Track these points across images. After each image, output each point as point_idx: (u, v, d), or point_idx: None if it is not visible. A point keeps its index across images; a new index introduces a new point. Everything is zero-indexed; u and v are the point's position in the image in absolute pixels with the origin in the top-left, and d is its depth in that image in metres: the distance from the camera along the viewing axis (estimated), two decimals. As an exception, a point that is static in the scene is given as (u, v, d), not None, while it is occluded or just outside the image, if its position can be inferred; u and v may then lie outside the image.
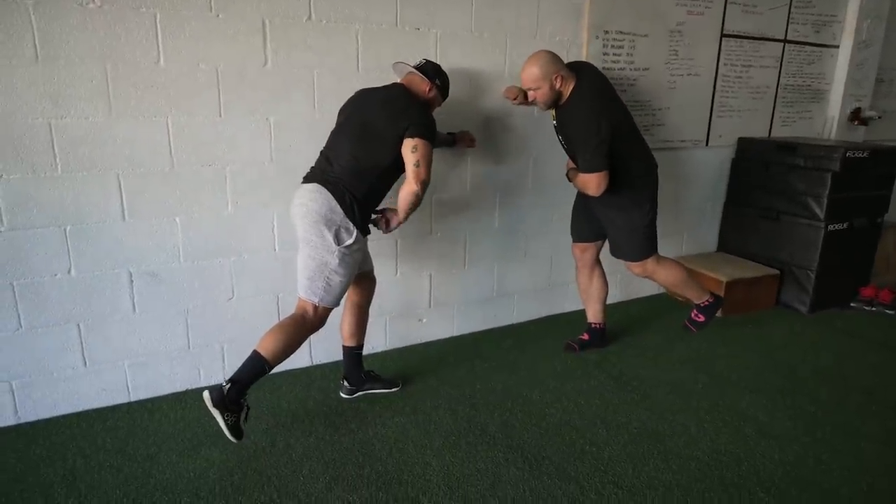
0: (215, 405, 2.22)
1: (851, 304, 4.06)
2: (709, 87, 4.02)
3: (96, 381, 2.68)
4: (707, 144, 4.12)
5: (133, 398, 2.77)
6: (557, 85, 2.77)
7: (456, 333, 3.53)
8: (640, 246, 3.05)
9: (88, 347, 2.63)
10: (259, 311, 2.92)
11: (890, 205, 4.11)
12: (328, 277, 2.37)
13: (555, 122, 2.93)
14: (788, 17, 4.20)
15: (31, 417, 2.61)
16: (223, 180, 2.71)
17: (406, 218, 2.54)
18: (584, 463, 2.37)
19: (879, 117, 4.56)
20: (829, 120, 4.54)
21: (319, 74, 2.78)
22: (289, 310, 3.00)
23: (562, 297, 3.83)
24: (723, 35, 3.95)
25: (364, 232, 2.46)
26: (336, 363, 3.10)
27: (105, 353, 2.67)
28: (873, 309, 4.00)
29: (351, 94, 2.61)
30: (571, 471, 2.32)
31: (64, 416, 2.63)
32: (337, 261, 2.36)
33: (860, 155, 3.78)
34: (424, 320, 3.41)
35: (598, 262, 3.31)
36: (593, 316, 3.38)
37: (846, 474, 2.34)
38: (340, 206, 2.35)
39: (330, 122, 2.61)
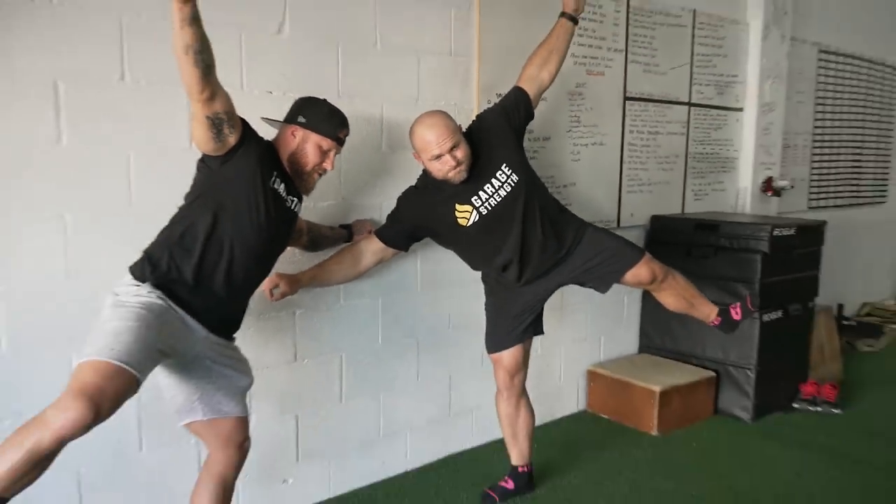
0: None
1: (794, 405, 4.15)
2: (616, 157, 4.07)
3: None
4: (619, 225, 4.13)
5: None
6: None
7: (335, 493, 3.11)
8: (628, 243, 2.97)
9: None
10: None
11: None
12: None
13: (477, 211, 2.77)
14: (691, 77, 4.41)
15: None
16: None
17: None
18: None
19: (792, 187, 4.88)
20: (741, 191, 4.78)
21: (138, 154, 2.41)
22: None
23: (466, 428, 3.56)
24: (626, 98, 4.04)
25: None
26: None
27: None
28: (818, 409, 4.10)
29: (183, 175, 2.27)
30: None
31: None
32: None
33: (787, 232, 3.95)
34: (291, 481, 2.98)
35: (524, 386, 3.09)
36: (519, 457, 3.12)
37: None
38: None
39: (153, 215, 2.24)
